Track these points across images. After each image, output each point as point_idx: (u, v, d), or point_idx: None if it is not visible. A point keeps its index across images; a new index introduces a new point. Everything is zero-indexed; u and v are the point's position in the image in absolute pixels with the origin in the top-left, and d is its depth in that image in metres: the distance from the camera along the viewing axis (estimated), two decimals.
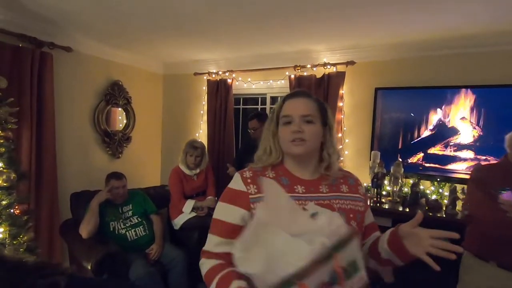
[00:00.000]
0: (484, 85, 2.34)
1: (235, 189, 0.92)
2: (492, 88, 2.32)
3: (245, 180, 0.91)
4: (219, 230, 0.89)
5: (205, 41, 2.78)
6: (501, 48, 2.31)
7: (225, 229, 0.88)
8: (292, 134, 0.90)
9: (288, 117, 0.92)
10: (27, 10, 2.17)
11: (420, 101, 2.55)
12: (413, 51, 2.58)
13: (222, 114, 3.32)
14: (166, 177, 2.90)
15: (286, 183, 0.91)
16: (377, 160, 2.51)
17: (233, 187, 0.93)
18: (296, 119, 0.91)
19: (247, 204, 0.88)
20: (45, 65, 2.47)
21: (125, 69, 3.31)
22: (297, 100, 0.95)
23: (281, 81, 3.08)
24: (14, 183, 1.71)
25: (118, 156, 3.27)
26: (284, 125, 0.92)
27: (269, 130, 0.97)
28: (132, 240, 2.31)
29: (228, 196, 0.92)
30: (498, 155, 2.32)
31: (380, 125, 2.71)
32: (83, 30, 2.59)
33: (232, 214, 0.89)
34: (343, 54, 2.81)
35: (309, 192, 0.90)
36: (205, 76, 3.47)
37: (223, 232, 0.88)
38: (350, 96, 2.87)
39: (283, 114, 0.94)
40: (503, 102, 2.29)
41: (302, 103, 0.93)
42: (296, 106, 0.93)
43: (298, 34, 2.47)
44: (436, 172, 2.52)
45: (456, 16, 2.01)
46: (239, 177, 0.93)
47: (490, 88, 2.33)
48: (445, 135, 2.50)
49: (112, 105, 3.13)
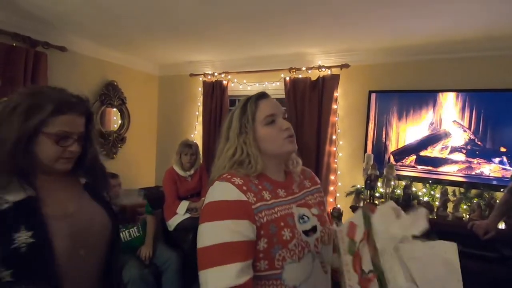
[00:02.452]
0: (476, 89, 2.39)
1: (233, 200, 0.76)
2: (483, 92, 2.37)
3: (241, 188, 0.79)
4: (235, 255, 0.71)
5: (200, 43, 2.79)
6: (493, 53, 2.36)
7: (241, 251, 0.72)
8: (285, 132, 0.87)
9: (273, 115, 0.88)
10: (22, 10, 2.16)
11: (413, 104, 2.59)
12: (407, 55, 2.62)
13: (218, 115, 3.33)
14: (160, 178, 2.89)
15: (270, 188, 0.85)
16: (371, 162, 2.54)
17: (229, 198, 0.77)
18: (279, 117, 0.89)
19: (252, 216, 0.76)
20: (39, 65, 2.45)
21: (120, 70, 3.30)
22: (271, 100, 0.93)
23: (276, 83, 3.10)
24: None
25: (112, 157, 3.25)
26: (268, 125, 0.87)
27: (247, 136, 0.87)
28: (126, 241, 2.29)
29: (227, 210, 0.75)
30: (489, 158, 2.37)
31: (373, 127, 2.74)
32: (78, 30, 2.59)
33: (242, 230, 0.74)
34: (338, 57, 2.84)
35: (289, 195, 0.88)
36: (200, 77, 3.48)
37: (241, 255, 0.71)
38: (344, 98, 2.90)
39: (267, 114, 0.88)
40: (495, 106, 2.34)
41: (277, 103, 0.93)
42: (275, 105, 0.91)
43: (293, 37, 2.49)
44: (428, 174, 2.55)
45: (449, 21, 2.05)
46: (232, 186, 0.79)
47: (481, 92, 2.38)
48: (437, 138, 2.54)
49: (106, 106, 3.12)
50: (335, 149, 2.90)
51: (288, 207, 0.84)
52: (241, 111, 0.90)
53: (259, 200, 0.80)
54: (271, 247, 0.77)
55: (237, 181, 0.80)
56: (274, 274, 0.77)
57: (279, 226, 0.79)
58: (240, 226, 0.74)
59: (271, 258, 0.77)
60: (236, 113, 0.91)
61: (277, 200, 0.84)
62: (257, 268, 0.76)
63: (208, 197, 0.80)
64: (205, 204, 0.79)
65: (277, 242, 0.77)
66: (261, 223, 0.77)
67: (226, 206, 0.76)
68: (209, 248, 0.72)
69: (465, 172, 2.44)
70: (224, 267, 0.70)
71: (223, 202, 0.77)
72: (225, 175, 0.83)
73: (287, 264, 0.78)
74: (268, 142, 0.87)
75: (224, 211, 0.75)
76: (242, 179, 0.81)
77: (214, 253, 0.71)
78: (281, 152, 0.88)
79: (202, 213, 0.78)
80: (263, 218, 0.78)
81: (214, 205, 0.77)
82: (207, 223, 0.75)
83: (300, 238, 0.79)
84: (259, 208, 0.78)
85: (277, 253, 0.77)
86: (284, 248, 0.77)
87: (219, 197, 0.77)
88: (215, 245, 0.72)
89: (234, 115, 0.92)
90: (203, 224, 0.76)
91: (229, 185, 0.79)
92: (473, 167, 2.41)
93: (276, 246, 0.77)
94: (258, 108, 0.89)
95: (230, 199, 0.77)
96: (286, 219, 0.81)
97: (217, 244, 0.71)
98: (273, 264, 0.77)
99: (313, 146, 2.83)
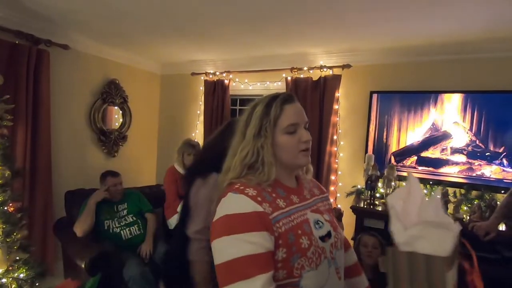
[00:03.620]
0: (478, 91, 2.39)
1: (249, 213, 0.73)
2: (485, 94, 2.37)
3: (255, 199, 0.76)
4: (259, 267, 0.69)
5: (202, 42, 2.79)
6: (494, 54, 2.36)
7: (264, 263, 0.70)
8: (302, 144, 0.83)
9: (295, 125, 0.83)
10: (24, 7, 2.17)
11: (414, 105, 2.59)
12: (408, 56, 2.62)
13: (219, 114, 3.33)
14: (161, 176, 2.90)
15: (283, 195, 0.83)
16: (371, 163, 2.54)
17: (245, 211, 0.73)
18: (301, 127, 0.84)
19: (270, 227, 0.74)
20: (41, 63, 2.46)
21: (122, 68, 3.31)
22: (297, 105, 0.86)
23: (278, 83, 3.10)
24: (8, 180, 1.70)
25: (113, 155, 3.26)
26: (288, 134, 0.83)
27: (266, 140, 0.82)
28: (127, 239, 2.30)
29: (245, 223, 0.72)
30: (490, 159, 2.37)
31: (374, 128, 2.74)
32: (80, 28, 2.59)
33: (262, 241, 0.71)
34: (340, 58, 2.84)
35: (302, 201, 0.87)
36: (202, 76, 3.48)
37: (264, 267, 0.70)
38: (346, 99, 2.90)
39: (290, 122, 0.82)
40: (496, 108, 2.33)
41: (302, 109, 0.87)
42: (300, 112, 0.85)
43: (295, 36, 2.49)
44: (429, 175, 2.55)
45: (451, 23, 2.05)
46: (245, 197, 0.75)
47: (483, 93, 2.37)
48: (438, 139, 2.53)
49: (108, 104, 3.13)
50: (336, 149, 2.90)
51: (303, 213, 0.83)
52: (264, 111, 0.83)
53: (275, 210, 0.77)
54: (290, 256, 0.75)
55: (250, 192, 0.77)
56: (293, 283, 0.76)
57: (297, 234, 0.77)
58: (259, 238, 0.71)
59: (290, 267, 0.75)
60: (258, 112, 0.84)
61: (292, 206, 0.82)
62: (275, 277, 0.74)
63: (222, 210, 0.75)
64: (220, 218, 0.75)
65: (296, 251, 0.76)
66: (279, 233, 0.75)
67: (243, 218, 0.73)
68: (231, 263, 0.69)
69: (466, 173, 2.44)
70: (249, 281, 0.67)
71: (239, 215, 0.73)
72: (238, 186, 0.78)
73: (306, 272, 0.76)
74: (284, 151, 0.83)
75: (242, 224, 0.72)
76: (255, 189, 0.78)
77: (238, 267, 0.68)
78: (293, 164, 0.85)
79: (216, 226, 0.75)
80: (281, 228, 0.76)
81: (230, 218, 0.73)
82: (225, 237, 0.71)
83: (317, 245, 0.79)
84: (276, 217, 0.76)
85: (296, 262, 0.75)
86: (303, 256, 0.76)
87: (234, 210, 0.74)
88: (237, 258, 0.69)
89: (255, 112, 0.85)
90: (220, 238, 0.72)
91: (243, 197, 0.75)
92: (474, 169, 2.41)
93: (295, 255, 0.75)
94: (283, 112, 0.83)
95: (246, 211, 0.73)
96: (302, 226, 0.80)
97: (239, 258, 0.69)
98: (292, 273, 0.76)
99: (314, 146, 2.83)
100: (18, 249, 1.69)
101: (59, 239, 2.37)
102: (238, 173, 0.82)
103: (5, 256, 1.51)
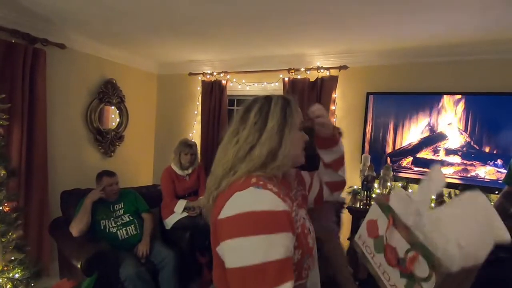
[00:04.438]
0: (473, 92, 2.41)
1: (277, 211, 0.66)
2: (480, 96, 2.39)
3: (280, 196, 0.69)
4: (289, 273, 0.63)
5: (200, 42, 2.79)
6: (489, 56, 2.39)
7: (291, 268, 0.65)
8: (304, 143, 0.84)
9: (303, 123, 0.85)
10: (21, 6, 2.16)
11: (410, 106, 2.61)
12: (404, 57, 2.64)
13: (216, 115, 3.34)
14: (158, 176, 2.90)
15: (284, 191, 0.79)
16: (368, 163, 2.56)
17: (275, 209, 0.66)
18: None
19: (293, 227, 0.69)
20: (38, 62, 2.45)
21: (119, 68, 3.30)
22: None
23: (275, 84, 3.11)
24: (3, 180, 1.69)
25: (110, 155, 3.25)
26: (299, 131, 0.83)
27: (290, 133, 0.78)
28: (123, 239, 2.30)
29: (275, 223, 0.65)
30: (484, 160, 2.39)
31: (371, 129, 2.76)
32: (77, 28, 2.58)
33: (290, 244, 0.66)
34: (337, 59, 2.86)
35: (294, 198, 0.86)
36: (199, 76, 3.48)
37: (292, 272, 0.65)
38: (343, 100, 2.92)
39: (301, 119, 0.84)
40: (491, 109, 2.36)
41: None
42: (301, 114, 0.87)
43: (293, 37, 2.51)
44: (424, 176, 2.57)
45: (445, 25, 2.07)
46: (272, 194, 0.68)
47: (478, 95, 2.40)
48: (433, 140, 2.56)
49: (105, 103, 3.12)
50: None
51: (299, 211, 0.82)
52: (285, 104, 0.81)
53: (291, 208, 0.73)
54: (303, 257, 0.73)
55: (274, 188, 0.70)
56: (300, 285, 0.74)
57: (304, 233, 0.76)
58: (289, 240, 0.65)
59: (300, 268, 0.72)
60: (280, 104, 0.80)
61: (293, 204, 0.79)
62: None
63: (243, 205, 0.66)
64: (239, 214, 0.65)
65: (307, 251, 0.74)
66: (297, 234, 0.71)
67: (274, 217, 0.65)
68: (259, 267, 0.60)
69: (460, 174, 2.46)
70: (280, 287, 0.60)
71: (269, 213, 0.65)
72: (254, 180, 0.71)
73: (311, 271, 0.76)
74: (295, 147, 0.80)
75: (273, 223, 0.64)
76: (274, 185, 0.72)
77: (268, 272, 0.60)
78: (297, 160, 0.83)
79: (233, 223, 0.66)
80: (298, 228, 0.73)
81: (257, 215, 0.64)
82: (251, 237, 0.62)
83: (314, 242, 0.79)
84: (295, 217, 0.73)
85: (305, 263, 0.74)
86: (310, 256, 0.75)
87: (262, 207, 0.65)
88: (267, 263, 0.60)
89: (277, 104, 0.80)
90: (243, 238, 0.63)
91: (270, 193, 0.67)
92: (469, 170, 2.44)
93: (306, 255, 0.74)
94: (297, 110, 0.83)
95: (277, 209, 0.66)
96: (305, 224, 0.79)
97: (271, 262, 0.61)
98: (301, 275, 0.73)
99: None
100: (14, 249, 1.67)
101: (55, 239, 2.36)
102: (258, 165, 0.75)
103: (0, 256, 1.50)
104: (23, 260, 1.55)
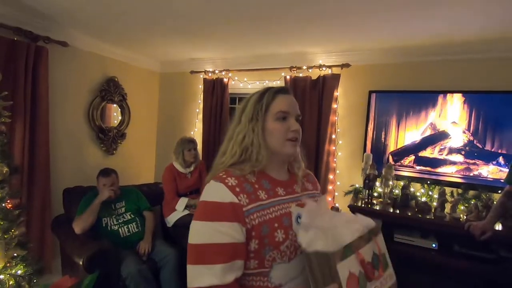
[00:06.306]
0: (476, 91, 2.40)
1: (223, 202, 0.76)
2: (483, 94, 2.38)
3: (233, 190, 0.78)
4: (222, 256, 0.73)
5: (202, 40, 2.79)
6: (492, 55, 2.37)
7: (228, 252, 0.74)
8: (290, 132, 0.86)
9: (285, 113, 0.87)
10: (23, 4, 2.16)
11: (413, 105, 2.60)
12: (407, 56, 2.62)
13: (218, 113, 3.34)
14: (160, 174, 2.90)
15: (268, 187, 0.85)
16: (369, 162, 2.55)
17: (219, 200, 0.77)
18: (292, 117, 0.88)
19: (242, 218, 0.76)
20: (40, 60, 2.45)
21: (121, 66, 3.30)
22: (290, 97, 0.90)
23: (277, 82, 3.10)
24: (6, 177, 1.70)
25: (112, 153, 3.26)
26: (278, 121, 0.86)
27: (257, 123, 0.86)
28: (125, 236, 2.31)
29: (216, 212, 0.76)
30: (487, 159, 2.38)
31: (373, 127, 2.75)
32: (80, 26, 2.59)
33: (231, 232, 0.75)
34: (339, 57, 2.84)
35: (288, 194, 0.88)
36: (201, 74, 3.48)
37: (227, 256, 0.74)
38: (344, 98, 2.90)
39: (280, 109, 0.86)
40: (494, 108, 2.34)
41: (295, 102, 0.91)
42: (292, 104, 0.89)
43: (294, 35, 2.50)
44: (426, 174, 2.56)
45: (448, 23, 2.06)
46: (224, 187, 0.78)
47: (481, 93, 2.38)
48: (436, 139, 2.54)
49: (107, 101, 3.13)
50: (334, 148, 2.90)
51: (286, 206, 0.85)
52: (258, 98, 0.90)
53: (252, 201, 0.79)
54: (262, 248, 0.78)
55: (231, 181, 0.80)
56: (263, 272, 0.80)
57: (272, 228, 0.79)
58: (229, 228, 0.75)
59: (261, 258, 0.78)
60: (253, 99, 0.91)
61: (275, 199, 0.84)
62: (247, 266, 0.79)
63: (204, 195, 0.80)
64: (200, 202, 0.80)
65: (268, 244, 0.78)
66: (252, 225, 0.77)
67: (217, 207, 0.76)
68: (198, 246, 0.75)
69: (463, 173, 2.45)
70: (210, 266, 0.72)
71: (215, 203, 0.77)
72: (221, 174, 0.82)
73: (276, 264, 0.79)
74: (273, 137, 0.86)
75: (215, 212, 0.76)
76: (237, 179, 0.81)
77: (202, 251, 0.74)
78: (280, 151, 0.87)
79: (197, 209, 0.80)
80: (255, 220, 0.78)
81: (207, 205, 0.78)
82: (198, 222, 0.77)
83: (293, 240, 0.80)
84: (250, 210, 0.78)
85: (268, 254, 0.78)
86: (275, 249, 0.78)
87: (212, 198, 0.78)
88: (204, 244, 0.74)
89: (250, 99, 0.91)
90: (195, 221, 0.77)
91: (222, 186, 0.79)
92: (472, 169, 2.42)
93: (267, 247, 0.78)
94: (274, 100, 0.88)
95: (222, 201, 0.77)
96: (281, 220, 0.81)
97: (205, 244, 0.74)
98: (263, 264, 0.79)
99: (313, 145, 2.84)
100: (16, 246, 1.68)
101: (57, 236, 2.37)
102: (237, 157, 0.86)
103: (3, 252, 1.51)
104: (25, 257, 1.56)
